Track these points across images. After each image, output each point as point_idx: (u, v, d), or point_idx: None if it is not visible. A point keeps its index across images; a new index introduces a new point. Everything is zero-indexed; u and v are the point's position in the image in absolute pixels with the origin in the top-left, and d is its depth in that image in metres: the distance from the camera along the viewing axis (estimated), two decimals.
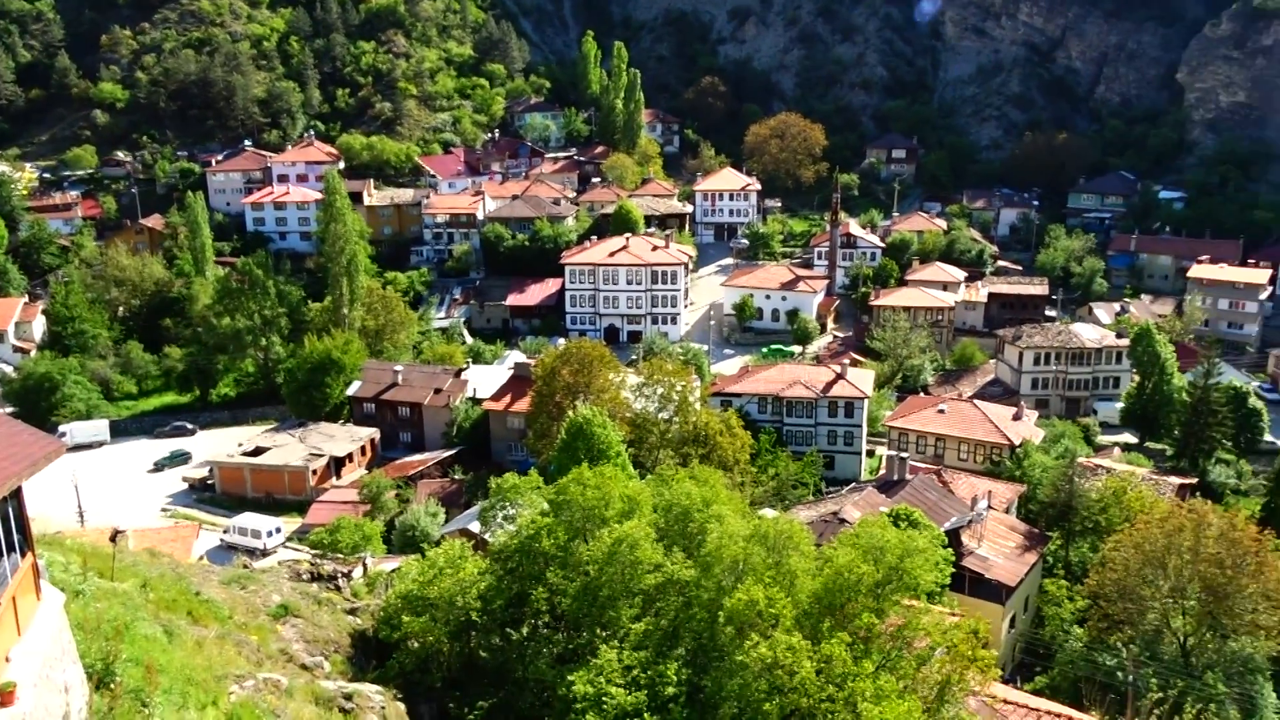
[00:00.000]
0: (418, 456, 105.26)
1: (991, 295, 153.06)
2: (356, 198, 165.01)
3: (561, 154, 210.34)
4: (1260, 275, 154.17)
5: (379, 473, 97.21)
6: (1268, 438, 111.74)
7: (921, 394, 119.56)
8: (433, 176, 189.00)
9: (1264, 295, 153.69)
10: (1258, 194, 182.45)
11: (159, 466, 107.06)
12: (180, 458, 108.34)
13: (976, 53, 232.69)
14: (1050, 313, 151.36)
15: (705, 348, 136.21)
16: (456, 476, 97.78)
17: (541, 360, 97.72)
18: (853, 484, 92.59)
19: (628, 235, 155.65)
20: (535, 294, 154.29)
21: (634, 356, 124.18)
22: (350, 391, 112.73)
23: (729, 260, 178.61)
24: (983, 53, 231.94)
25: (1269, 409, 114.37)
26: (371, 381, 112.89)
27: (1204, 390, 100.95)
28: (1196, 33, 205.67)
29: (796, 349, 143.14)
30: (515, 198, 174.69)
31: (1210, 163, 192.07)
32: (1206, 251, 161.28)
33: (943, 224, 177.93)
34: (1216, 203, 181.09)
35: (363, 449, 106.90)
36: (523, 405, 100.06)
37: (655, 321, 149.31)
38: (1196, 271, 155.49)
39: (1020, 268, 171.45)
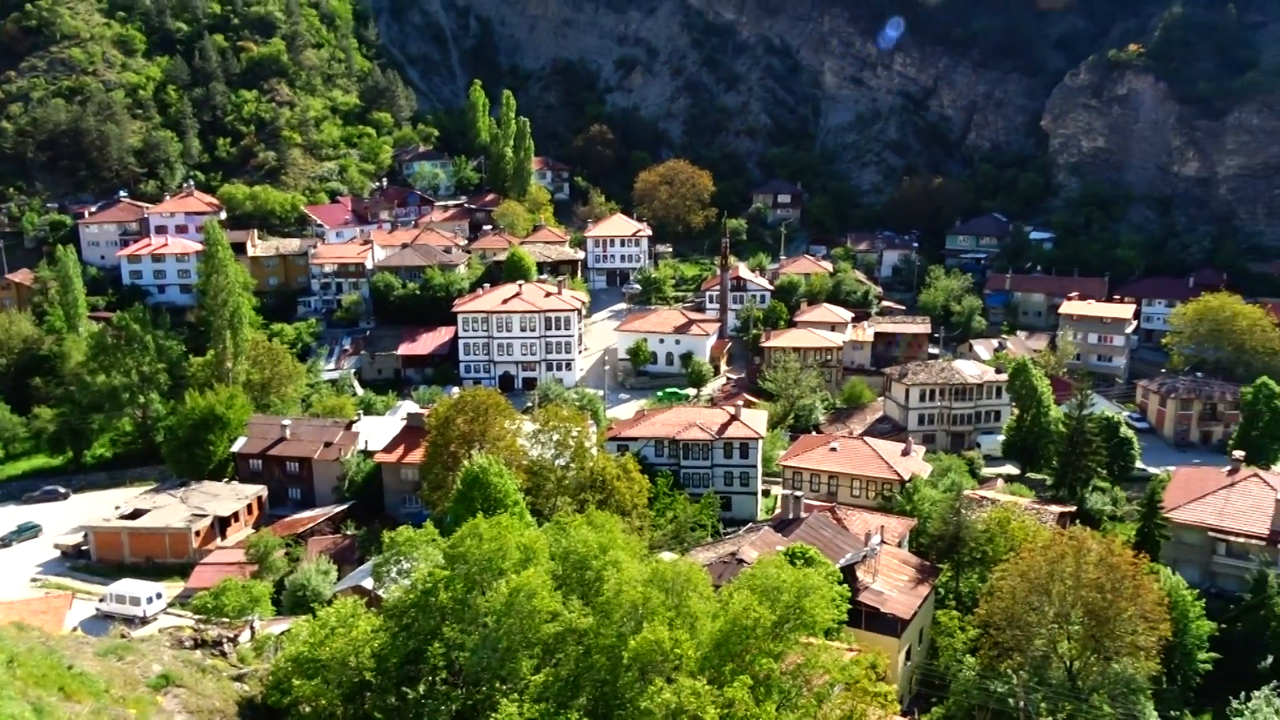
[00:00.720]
0: (308, 513, 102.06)
1: (877, 335, 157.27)
2: (240, 248, 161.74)
3: (452, 202, 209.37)
4: (1125, 310, 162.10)
5: (267, 531, 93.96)
6: (1139, 465, 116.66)
7: (814, 433, 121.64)
8: (319, 226, 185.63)
9: (1129, 329, 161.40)
10: (1119, 233, 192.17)
11: (5, 542, 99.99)
12: (28, 531, 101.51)
13: (855, 101, 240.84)
14: (933, 350, 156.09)
15: (601, 393, 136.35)
16: (349, 532, 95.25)
17: (435, 410, 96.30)
18: (750, 524, 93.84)
19: (520, 282, 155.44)
20: (428, 343, 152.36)
21: (529, 404, 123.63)
22: (235, 448, 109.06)
23: (622, 305, 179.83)
24: (861, 101, 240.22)
25: (1139, 437, 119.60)
26: (258, 437, 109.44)
27: (1078, 421, 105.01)
28: (1058, 82, 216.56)
29: (691, 392, 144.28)
30: (405, 246, 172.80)
31: (1075, 204, 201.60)
32: (1075, 289, 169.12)
33: (829, 266, 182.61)
34: (1082, 242, 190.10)
35: (249, 507, 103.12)
36: (417, 456, 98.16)
37: (550, 368, 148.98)
38: (1067, 308, 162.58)
39: (904, 307, 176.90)
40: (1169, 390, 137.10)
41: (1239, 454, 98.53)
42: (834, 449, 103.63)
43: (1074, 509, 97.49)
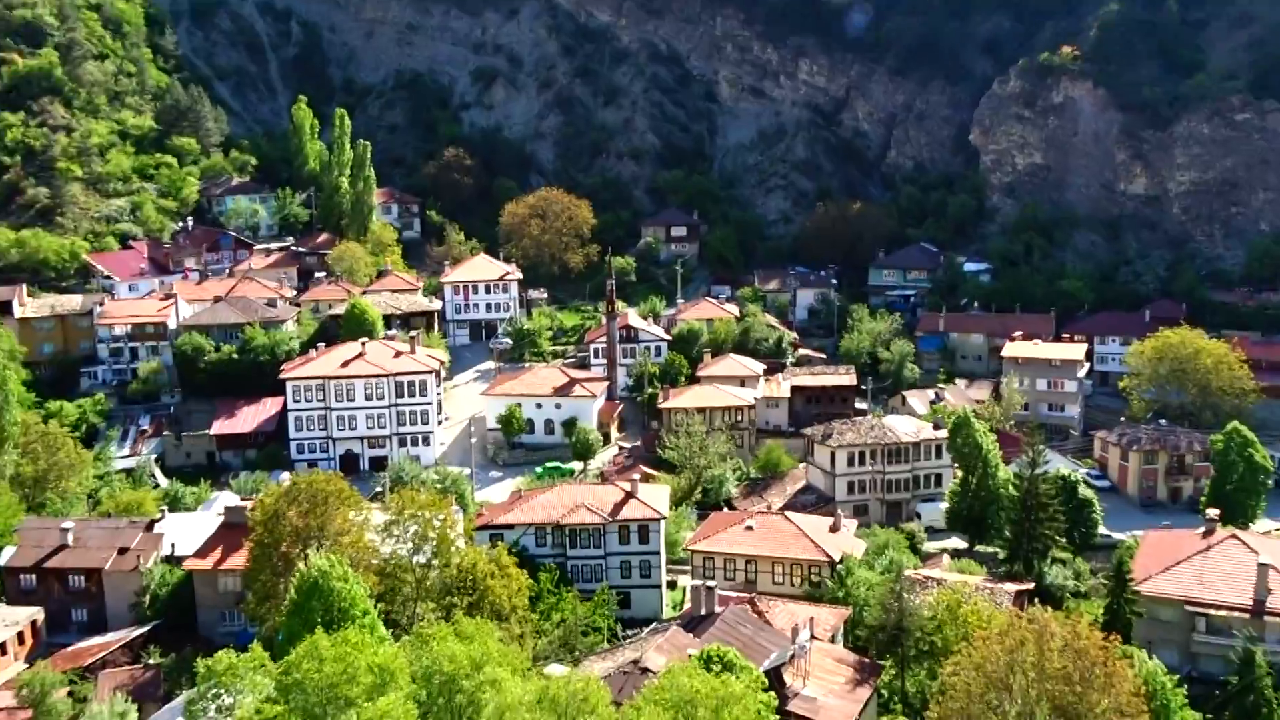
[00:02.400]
0: (98, 639, 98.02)
1: (795, 389, 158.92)
2: (4, 308, 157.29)
3: (276, 245, 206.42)
4: (1076, 350, 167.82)
5: (44, 665, 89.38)
6: (1102, 530, 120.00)
7: (725, 509, 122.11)
8: (108, 278, 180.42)
9: (1082, 372, 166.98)
10: (1064, 262, 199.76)
11: None
12: None
13: (756, 115, 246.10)
14: (861, 405, 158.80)
15: (467, 472, 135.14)
16: (152, 661, 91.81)
17: (261, 501, 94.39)
18: (654, 624, 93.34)
19: (363, 340, 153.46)
20: (249, 418, 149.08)
21: (379, 488, 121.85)
22: (1, 561, 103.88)
23: (489, 364, 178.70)
24: (763, 115, 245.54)
25: (1099, 498, 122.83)
26: (31, 545, 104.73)
27: (1030, 482, 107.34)
28: (986, 91, 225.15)
29: (577, 466, 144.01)
30: (218, 300, 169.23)
31: (1012, 230, 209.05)
32: (1018, 327, 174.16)
33: (734, 310, 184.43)
34: (1023, 273, 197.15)
35: (20, 635, 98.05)
36: (239, 561, 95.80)
37: (403, 443, 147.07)
38: (1010, 350, 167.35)
39: (824, 356, 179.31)
40: (1130, 442, 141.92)
41: (1213, 513, 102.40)
42: (750, 528, 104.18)
43: (1031, 586, 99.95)
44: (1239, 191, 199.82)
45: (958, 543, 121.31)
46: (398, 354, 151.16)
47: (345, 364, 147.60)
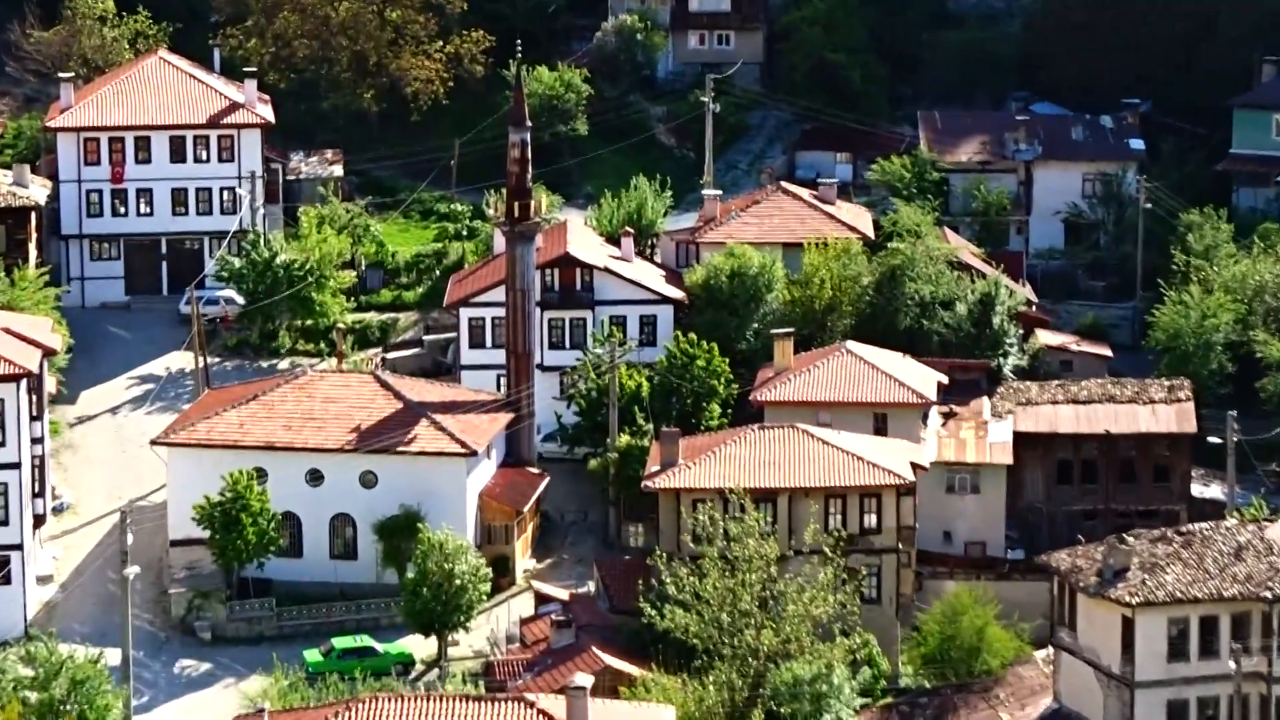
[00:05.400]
0: None
1: (1025, 441, 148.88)
2: None
3: None
4: None
5: None
6: None
7: None
8: None
9: None
10: None
11: None
12: None
13: None
14: (1207, 490, 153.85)
15: (109, 662, 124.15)
16: None
17: None
18: None
19: None
20: None
21: None
22: None
23: (178, 358, 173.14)
24: None
25: None
26: None
27: None
28: None
29: (418, 647, 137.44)
30: None
31: None
32: None
33: (859, 218, 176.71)
34: None
35: None
36: None
37: None
38: None
39: (1107, 353, 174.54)
40: None
41: None
42: None
43: None
44: None
45: None
46: None
47: None
